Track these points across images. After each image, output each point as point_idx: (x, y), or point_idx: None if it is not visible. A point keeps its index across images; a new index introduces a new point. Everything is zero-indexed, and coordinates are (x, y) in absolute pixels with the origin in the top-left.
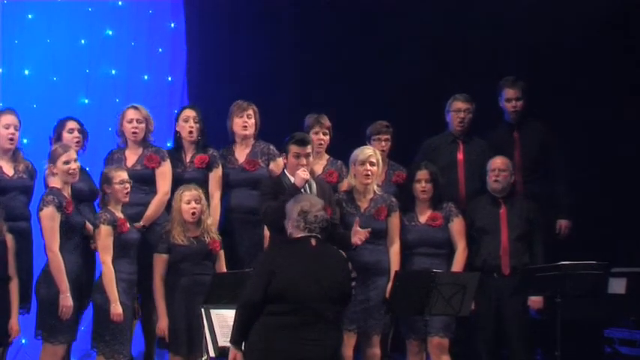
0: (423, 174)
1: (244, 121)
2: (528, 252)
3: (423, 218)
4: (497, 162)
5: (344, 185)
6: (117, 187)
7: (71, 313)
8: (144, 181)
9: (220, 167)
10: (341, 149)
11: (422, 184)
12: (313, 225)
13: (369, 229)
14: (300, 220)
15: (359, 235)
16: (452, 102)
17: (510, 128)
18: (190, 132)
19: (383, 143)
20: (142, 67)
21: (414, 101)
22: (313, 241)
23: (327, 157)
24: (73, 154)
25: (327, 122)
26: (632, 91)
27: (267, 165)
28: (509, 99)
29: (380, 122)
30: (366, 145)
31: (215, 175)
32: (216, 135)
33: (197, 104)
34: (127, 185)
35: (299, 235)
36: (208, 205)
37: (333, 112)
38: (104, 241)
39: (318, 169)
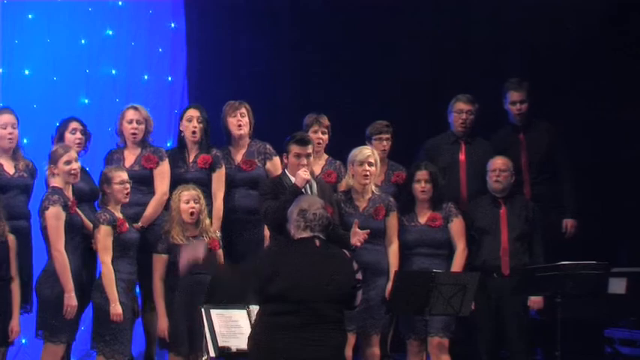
0: (422, 174)
1: (238, 121)
2: (528, 252)
3: (422, 219)
4: (498, 162)
5: (342, 185)
6: (117, 187)
7: (75, 312)
8: (142, 181)
9: (223, 167)
10: (341, 149)
11: (421, 185)
12: (313, 223)
13: (368, 231)
14: (300, 219)
15: (358, 236)
16: (454, 103)
17: (516, 130)
18: (193, 132)
19: (384, 143)
20: (142, 67)
21: (414, 101)
22: (317, 242)
23: (325, 157)
24: (73, 154)
25: (326, 121)
26: (633, 92)
27: (264, 164)
28: (514, 102)
29: (380, 122)
30: (366, 145)
31: (218, 176)
32: (216, 135)
33: (197, 104)
34: (127, 185)
35: (302, 236)
36: (208, 204)
37: (333, 112)
38: (104, 241)
39: (317, 169)
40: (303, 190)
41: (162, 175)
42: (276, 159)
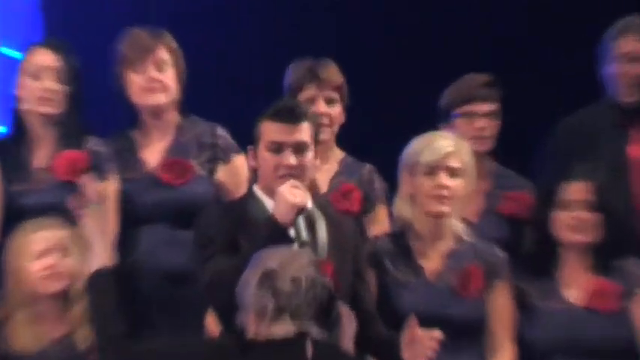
0: (578, 189)
1: (150, 78)
2: None
3: (573, 291)
4: None
5: (380, 219)
6: None
7: None
8: None
9: (112, 180)
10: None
11: (574, 214)
12: (292, 300)
13: (441, 335)
14: (265, 294)
15: (421, 342)
16: (617, 36)
17: None
18: (44, 99)
19: (482, 122)
20: None
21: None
22: (307, 347)
23: (338, 154)
24: None
25: (334, 76)
26: None
27: (211, 171)
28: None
29: (472, 76)
30: (438, 129)
31: (102, 195)
32: (105, 108)
33: (52, 39)
34: None
35: (271, 334)
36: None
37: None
38: None
39: (322, 180)
40: (291, 230)
41: None
42: (239, 160)
